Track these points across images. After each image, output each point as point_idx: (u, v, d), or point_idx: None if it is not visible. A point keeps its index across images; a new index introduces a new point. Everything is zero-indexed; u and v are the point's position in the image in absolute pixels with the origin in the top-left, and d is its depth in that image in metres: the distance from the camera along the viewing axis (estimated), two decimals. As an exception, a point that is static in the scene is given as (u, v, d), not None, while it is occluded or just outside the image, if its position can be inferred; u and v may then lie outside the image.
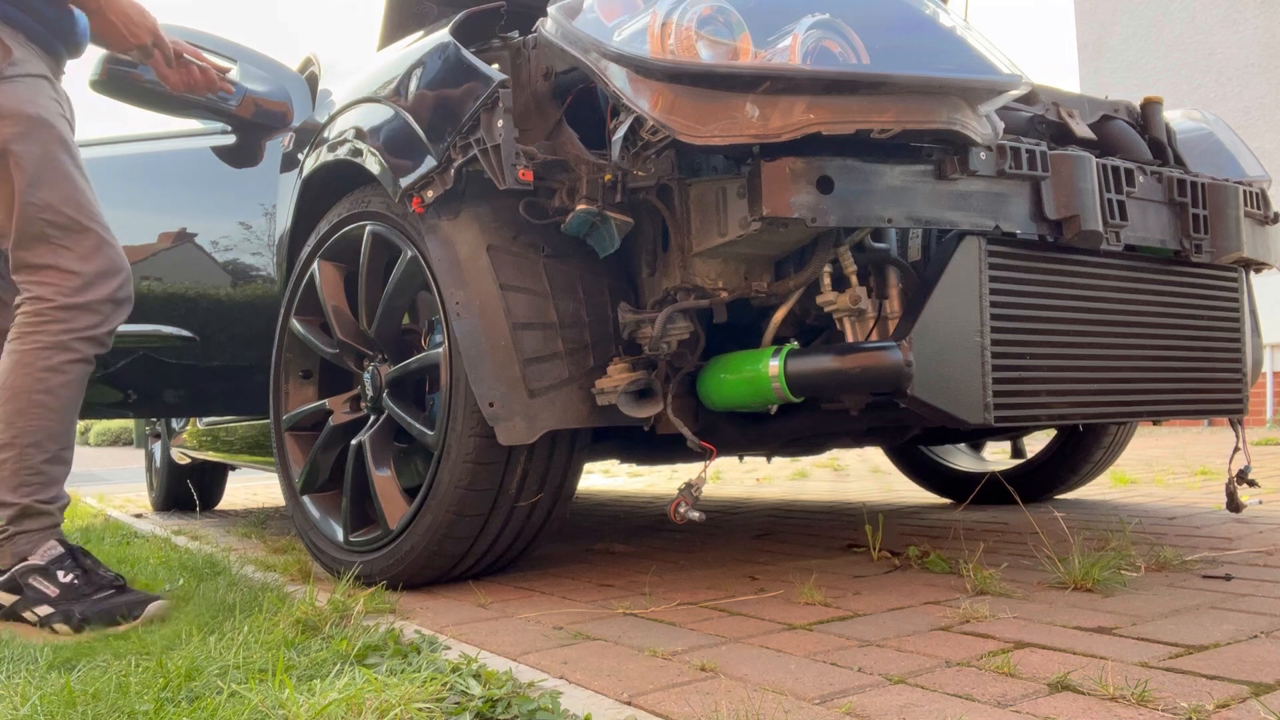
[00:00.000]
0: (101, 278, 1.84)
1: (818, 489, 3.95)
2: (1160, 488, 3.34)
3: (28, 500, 1.78)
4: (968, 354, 1.57)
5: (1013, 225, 1.63)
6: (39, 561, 1.77)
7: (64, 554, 1.79)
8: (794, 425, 1.87)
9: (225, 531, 3.35)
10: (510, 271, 1.74)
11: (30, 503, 1.79)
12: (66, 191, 1.82)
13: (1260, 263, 2.04)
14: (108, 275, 1.85)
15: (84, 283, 1.82)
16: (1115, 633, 1.36)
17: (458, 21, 1.84)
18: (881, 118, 1.46)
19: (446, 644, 1.42)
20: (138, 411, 3.01)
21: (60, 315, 1.80)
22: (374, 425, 2.02)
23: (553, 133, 1.69)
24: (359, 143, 2.00)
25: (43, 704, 1.12)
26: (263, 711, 1.06)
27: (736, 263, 1.67)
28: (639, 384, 1.70)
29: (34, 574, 1.76)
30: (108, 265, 1.85)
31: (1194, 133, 2.20)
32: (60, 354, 1.79)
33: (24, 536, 1.78)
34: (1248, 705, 1.03)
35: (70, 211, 1.82)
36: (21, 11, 1.82)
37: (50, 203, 1.80)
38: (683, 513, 1.65)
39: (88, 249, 1.83)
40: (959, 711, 1.05)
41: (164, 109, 2.53)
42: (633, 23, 1.56)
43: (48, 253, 1.80)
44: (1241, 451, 2.11)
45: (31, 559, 1.77)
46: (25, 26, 1.83)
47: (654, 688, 1.18)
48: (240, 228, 2.66)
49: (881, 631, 1.42)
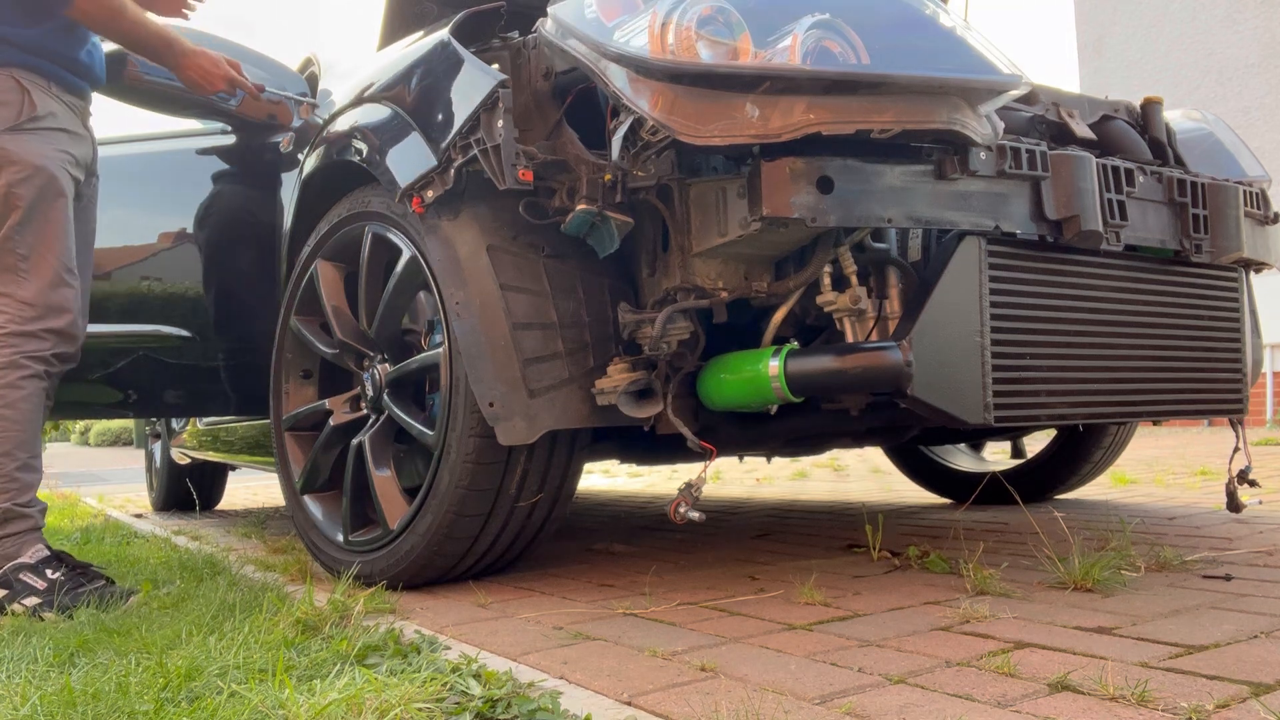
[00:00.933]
0: (53, 312, 1.97)
1: (818, 489, 3.95)
2: (1160, 488, 3.34)
3: (8, 504, 1.90)
4: (968, 354, 1.57)
5: (1013, 225, 1.63)
6: (29, 560, 1.88)
7: (51, 556, 1.91)
8: (794, 425, 1.87)
9: (225, 531, 3.35)
10: (510, 271, 1.74)
11: (11, 505, 1.90)
12: (47, 235, 1.96)
13: (1260, 263, 2.04)
14: (59, 312, 1.98)
15: (36, 314, 1.95)
16: (1115, 633, 1.36)
17: (458, 21, 1.84)
18: (881, 118, 1.46)
19: (446, 644, 1.42)
20: (138, 411, 3.01)
21: (12, 340, 1.93)
22: (374, 425, 2.02)
23: (553, 133, 1.69)
24: (359, 143, 2.00)
25: (43, 704, 1.12)
26: (263, 711, 1.06)
27: (736, 263, 1.67)
28: (639, 384, 1.70)
29: (24, 570, 1.87)
30: (61, 304, 1.98)
31: (1194, 133, 2.20)
32: (15, 372, 1.92)
33: (10, 540, 1.89)
34: (1248, 705, 1.03)
35: (43, 251, 1.96)
36: (53, 63, 1.97)
37: (29, 241, 1.94)
38: (683, 513, 1.65)
39: (47, 286, 1.96)
40: (959, 711, 1.05)
41: (164, 109, 2.53)
42: (633, 22, 1.56)
43: (10, 282, 1.94)
44: (1241, 451, 2.11)
45: (21, 558, 1.88)
46: (57, 77, 1.98)
47: (654, 688, 1.18)
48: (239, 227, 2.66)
49: (881, 631, 1.42)
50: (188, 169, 2.71)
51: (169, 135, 2.82)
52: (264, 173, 2.61)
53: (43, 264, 1.95)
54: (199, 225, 2.69)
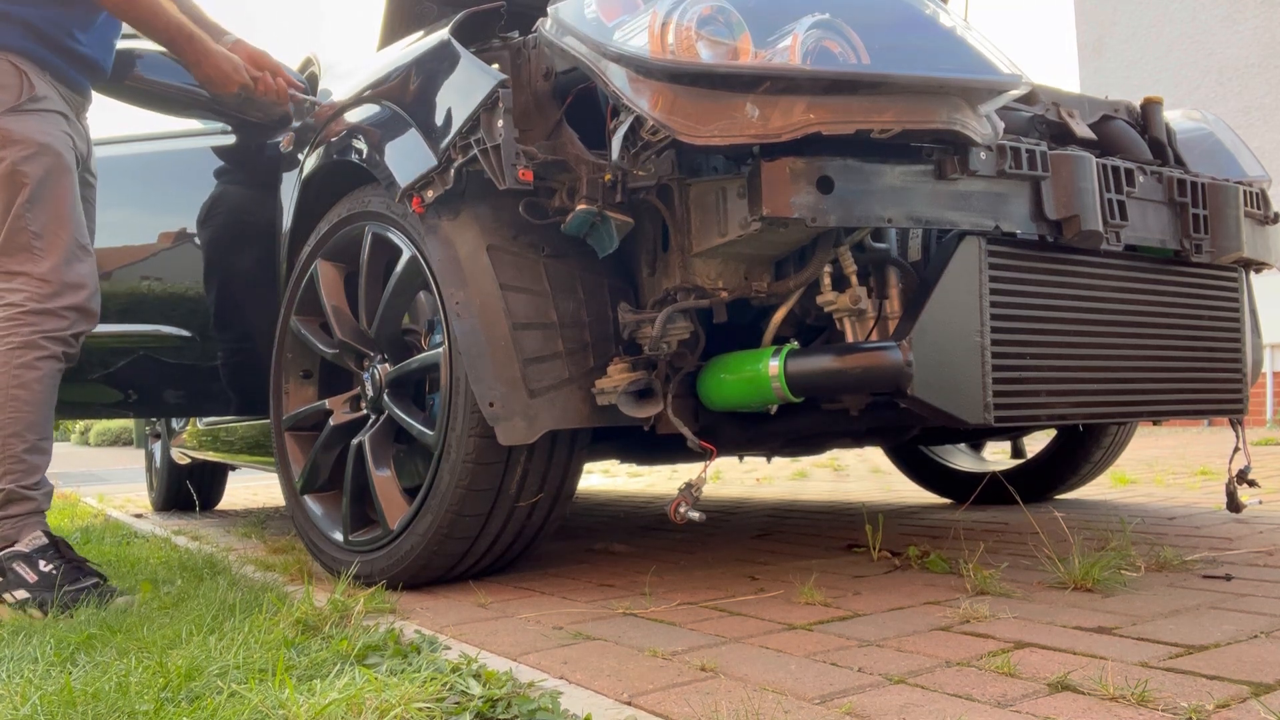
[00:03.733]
0: (71, 289, 1.97)
1: (818, 489, 3.95)
2: (1160, 488, 3.34)
3: (11, 485, 1.89)
4: (968, 354, 1.57)
5: (1013, 225, 1.63)
6: (24, 549, 1.88)
7: (48, 545, 1.90)
8: (794, 425, 1.87)
9: (225, 531, 3.35)
10: (510, 271, 1.74)
11: (14, 488, 1.89)
12: (57, 210, 1.96)
13: (1260, 263, 2.04)
14: (77, 288, 1.98)
15: (54, 291, 1.95)
16: (1115, 633, 1.36)
17: (458, 21, 1.84)
18: (881, 118, 1.46)
19: (446, 644, 1.42)
20: (138, 411, 3.02)
21: (30, 319, 1.92)
22: (374, 425, 2.02)
23: (553, 133, 1.69)
24: (359, 143, 2.00)
25: (43, 704, 1.12)
26: (263, 711, 1.06)
27: (736, 263, 1.67)
28: (639, 384, 1.70)
29: (18, 559, 1.87)
30: (79, 280, 1.99)
31: (1194, 133, 2.20)
32: (31, 352, 1.92)
33: (10, 521, 1.89)
34: (1248, 705, 1.03)
35: (54, 227, 1.95)
36: (53, 53, 1.98)
37: (41, 218, 1.94)
38: (683, 513, 1.65)
39: (62, 261, 1.96)
40: (959, 711, 1.05)
41: (164, 109, 2.52)
42: (633, 22, 1.56)
43: (26, 260, 1.94)
44: (1241, 451, 2.11)
45: (18, 545, 1.88)
46: (52, 66, 1.99)
47: (654, 688, 1.18)
48: (239, 227, 2.66)
49: (881, 631, 1.42)
50: (188, 169, 2.71)
51: (169, 135, 2.81)
52: (264, 172, 2.61)
53: (56, 240, 1.95)
54: (199, 225, 2.69)
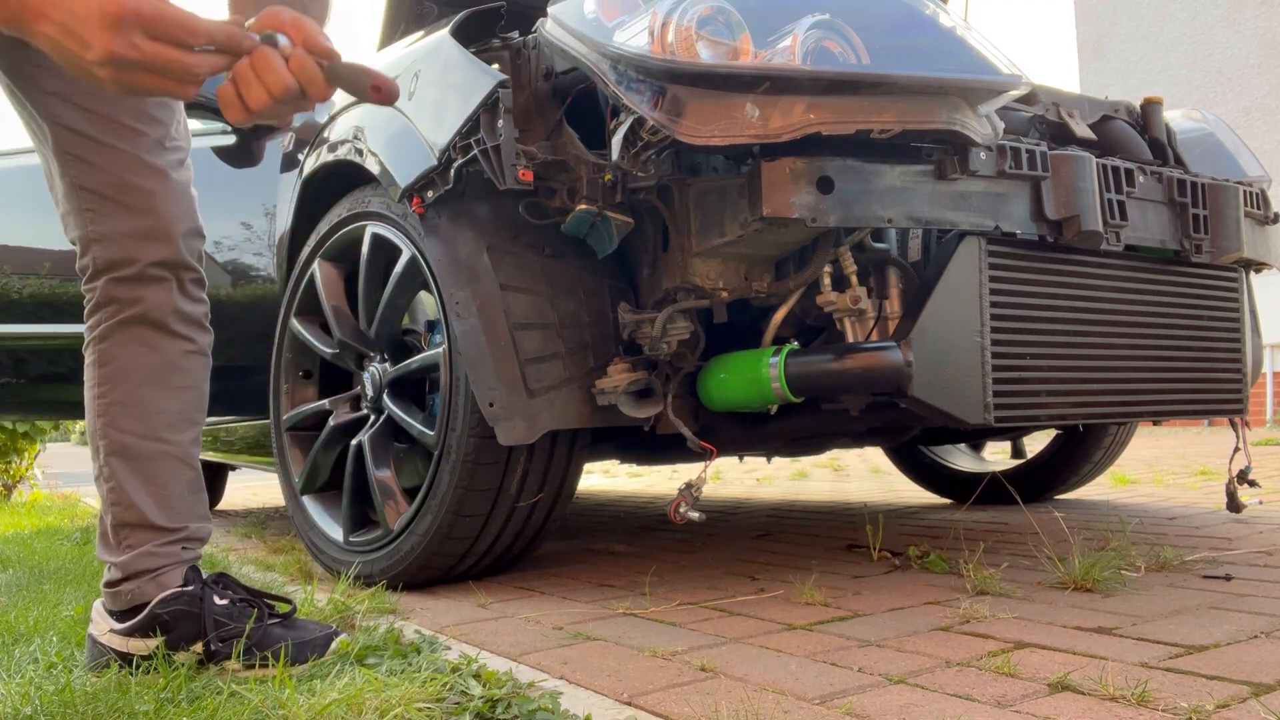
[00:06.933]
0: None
1: (818, 489, 3.95)
2: (1160, 488, 3.35)
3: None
4: (968, 354, 1.57)
5: (1013, 225, 1.63)
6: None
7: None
8: (794, 425, 1.87)
9: (225, 531, 3.35)
10: (510, 271, 1.74)
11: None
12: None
13: (1260, 263, 2.04)
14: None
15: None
16: (1115, 633, 1.36)
17: (458, 22, 1.84)
18: (882, 118, 1.46)
19: (446, 644, 1.42)
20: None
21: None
22: (374, 425, 2.01)
23: (553, 133, 1.69)
24: (359, 143, 2.00)
25: (43, 704, 1.12)
26: (263, 711, 1.06)
27: (736, 263, 1.67)
28: (639, 384, 1.70)
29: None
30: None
31: (1194, 133, 2.20)
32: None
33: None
34: (1248, 705, 1.03)
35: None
36: None
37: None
38: (683, 513, 1.65)
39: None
40: (959, 711, 1.05)
41: None
42: (633, 22, 1.56)
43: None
44: (1242, 452, 2.11)
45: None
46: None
47: (654, 688, 1.18)
48: (240, 228, 2.66)
49: (881, 632, 1.42)
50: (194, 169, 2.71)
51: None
52: (263, 172, 2.61)
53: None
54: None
